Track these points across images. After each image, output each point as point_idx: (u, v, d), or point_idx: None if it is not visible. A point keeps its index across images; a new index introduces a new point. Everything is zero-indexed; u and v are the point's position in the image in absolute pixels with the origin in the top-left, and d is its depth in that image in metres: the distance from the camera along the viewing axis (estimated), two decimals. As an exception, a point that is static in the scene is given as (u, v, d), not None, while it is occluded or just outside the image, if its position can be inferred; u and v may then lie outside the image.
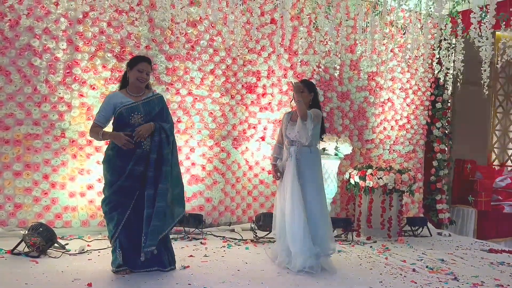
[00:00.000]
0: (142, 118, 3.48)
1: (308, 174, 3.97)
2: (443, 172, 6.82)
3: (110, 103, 3.50)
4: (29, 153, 4.62)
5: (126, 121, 3.45)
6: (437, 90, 6.84)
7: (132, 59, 3.60)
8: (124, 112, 3.46)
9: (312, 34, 5.83)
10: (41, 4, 4.61)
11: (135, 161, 3.44)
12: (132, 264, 3.47)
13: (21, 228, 4.49)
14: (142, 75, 3.50)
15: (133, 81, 3.52)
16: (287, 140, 4.07)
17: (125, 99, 3.50)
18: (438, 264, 4.36)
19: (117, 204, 3.45)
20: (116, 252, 3.47)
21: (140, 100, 3.53)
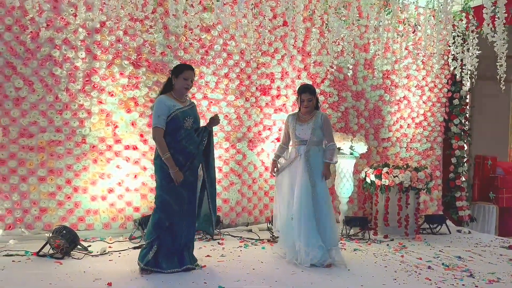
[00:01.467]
0: (193, 122, 3.70)
1: (318, 172, 4.15)
2: (462, 169, 6.76)
3: (165, 105, 3.61)
4: (52, 159, 4.81)
5: (180, 124, 3.62)
6: (454, 86, 6.78)
7: (178, 68, 3.78)
8: (180, 116, 3.62)
9: (324, 35, 5.88)
10: (60, 16, 4.79)
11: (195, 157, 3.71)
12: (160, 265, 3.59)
13: (46, 231, 4.67)
14: (188, 82, 3.70)
15: (179, 88, 3.70)
16: (295, 140, 4.26)
17: (175, 103, 3.67)
18: (455, 261, 4.36)
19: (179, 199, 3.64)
20: (151, 249, 3.59)
21: (186, 105, 3.73)
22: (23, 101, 4.72)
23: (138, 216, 5.03)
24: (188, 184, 3.69)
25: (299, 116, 4.34)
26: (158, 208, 3.66)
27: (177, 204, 3.63)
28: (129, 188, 5.09)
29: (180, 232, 3.65)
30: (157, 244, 3.60)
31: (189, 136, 3.67)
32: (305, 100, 4.24)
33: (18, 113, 4.70)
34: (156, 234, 3.60)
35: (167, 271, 3.59)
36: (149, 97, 5.17)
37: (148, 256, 3.58)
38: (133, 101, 5.12)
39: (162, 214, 3.62)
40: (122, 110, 5.07)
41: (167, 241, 3.60)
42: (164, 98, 3.68)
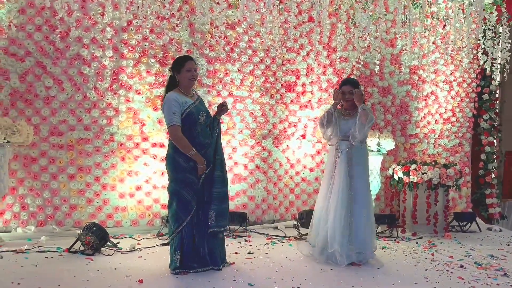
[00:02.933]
0: (205, 116, 3.63)
1: (358, 170, 4.03)
2: (492, 166, 6.59)
3: (178, 102, 3.50)
4: (81, 157, 4.89)
5: (195, 120, 3.55)
6: (483, 81, 6.61)
7: (176, 62, 3.63)
8: (194, 112, 3.54)
9: (350, 30, 5.80)
10: (88, 15, 4.85)
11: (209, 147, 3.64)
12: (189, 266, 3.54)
13: (76, 227, 4.75)
14: (192, 73, 3.57)
15: (186, 82, 3.58)
16: (338, 136, 4.09)
17: (186, 99, 3.56)
18: (487, 260, 4.26)
19: (193, 190, 3.55)
20: (175, 255, 3.54)
21: (195, 100, 3.64)
22: (53, 100, 4.80)
23: (165, 213, 5.04)
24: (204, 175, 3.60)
25: (342, 112, 4.17)
26: (174, 202, 3.56)
27: (193, 197, 3.53)
28: (156, 185, 5.13)
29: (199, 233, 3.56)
30: (179, 245, 3.52)
31: (204, 131, 3.61)
32: (346, 93, 4.06)
33: (48, 112, 4.79)
34: (176, 228, 3.52)
35: (198, 270, 3.55)
36: (175, 95, 5.19)
37: (175, 262, 3.52)
38: (160, 99, 5.14)
39: (178, 208, 3.53)
40: (149, 108, 5.11)
41: (189, 238, 3.52)
42: (174, 94, 3.55)
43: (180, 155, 3.53)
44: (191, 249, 3.55)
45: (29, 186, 4.73)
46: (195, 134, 3.55)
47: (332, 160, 4.13)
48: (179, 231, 3.53)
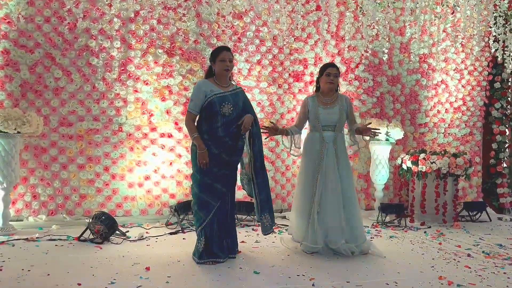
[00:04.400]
0: (232, 108, 3.54)
1: (343, 159, 3.94)
2: (504, 155, 6.53)
3: (201, 90, 3.51)
4: (90, 147, 4.95)
5: (216, 109, 3.49)
6: (495, 69, 6.53)
7: (213, 52, 3.62)
8: (216, 101, 3.49)
9: (358, 19, 5.75)
10: (96, 6, 4.88)
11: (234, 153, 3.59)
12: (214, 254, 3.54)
13: (86, 217, 4.83)
14: (226, 63, 3.55)
15: (220, 72, 3.57)
16: (318, 125, 3.93)
17: (215, 88, 3.54)
18: (496, 249, 4.23)
19: (213, 192, 3.53)
20: (199, 242, 3.56)
21: (228, 90, 3.59)
22: (62, 91, 4.86)
23: (174, 202, 5.12)
24: (226, 180, 3.57)
25: (320, 99, 3.98)
26: (195, 204, 3.60)
27: (214, 199, 3.52)
28: (165, 175, 5.18)
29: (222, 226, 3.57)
30: (204, 234, 3.53)
31: (227, 125, 3.51)
32: (331, 74, 3.91)
33: (58, 103, 4.84)
34: (199, 226, 3.55)
35: (224, 259, 3.55)
36: (183, 85, 5.22)
37: (199, 249, 3.55)
38: (168, 89, 5.18)
39: (199, 210, 3.55)
40: (157, 98, 5.14)
41: (212, 233, 3.53)
42: (201, 82, 3.61)
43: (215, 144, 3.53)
44: (216, 239, 3.56)
45: (40, 176, 4.81)
46: (215, 125, 3.51)
47: (316, 150, 3.92)
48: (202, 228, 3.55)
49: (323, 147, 3.91)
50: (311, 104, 3.99)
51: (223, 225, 3.59)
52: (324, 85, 3.96)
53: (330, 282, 3.19)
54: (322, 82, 3.98)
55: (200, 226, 3.55)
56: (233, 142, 3.56)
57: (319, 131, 3.94)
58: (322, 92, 4.01)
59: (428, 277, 3.33)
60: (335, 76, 3.93)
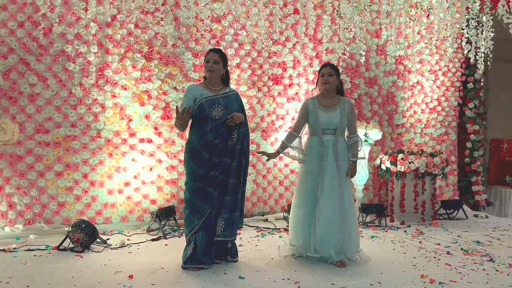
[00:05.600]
0: (222, 111, 3.51)
1: (343, 165, 3.78)
2: (478, 153, 6.70)
3: (190, 94, 3.52)
4: (68, 154, 4.85)
5: (206, 113, 3.48)
6: (467, 70, 6.69)
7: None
8: (205, 104, 3.48)
9: (336, 22, 5.82)
10: (71, 11, 4.79)
11: (224, 153, 3.53)
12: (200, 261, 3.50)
13: (65, 225, 4.73)
14: (209, 64, 3.55)
15: (206, 74, 3.60)
16: (318, 129, 3.76)
17: (205, 91, 3.54)
18: (474, 246, 4.34)
19: (205, 196, 3.50)
20: (189, 246, 3.53)
21: (219, 93, 3.57)
22: (38, 97, 4.75)
23: (154, 208, 5.06)
24: (217, 183, 3.53)
25: (321, 101, 3.81)
26: (185, 207, 3.59)
27: (205, 204, 3.51)
28: (145, 181, 5.12)
29: (212, 232, 3.53)
30: (194, 240, 3.51)
31: (217, 128, 3.49)
32: (325, 74, 3.74)
33: (34, 109, 4.74)
34: (190, 232, 3.53)
35: (208, 266, 3.51)
36: (162, 89, 5.18)
37: (186, 253, 3.52)
38: (146, 94, 5.13)
39: (191, 215, 3.53)
40: (135, 103, 5.09)
41: (203, 238, 3.50)
42: (191, 86, 3.63)
43: (194, 160, 3.52)
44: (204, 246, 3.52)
45: (16, 185, 4.68)
46: (205, 129, 3.48)
47: (315, 155, 3.77)
48: (193, 233, 3.51)
49: (322, 152, 3.73)
50: (311, 106, 3.81)
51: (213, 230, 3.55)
52: (321, 86, 3.82)
53: (315, 285, 3.21)
54: (319, 84, 3.85)
55: (192, 231, 3.52)
56: (223, 143, 3.53)
57: (318, 134, 3.77)
58: (322, 94, 3.84)
59: (411, 276, 3.40)
60: (329, 75, 3.75)
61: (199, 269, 3.48)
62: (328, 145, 3.74)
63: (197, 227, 3.50)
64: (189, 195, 3.55)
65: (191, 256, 3.51)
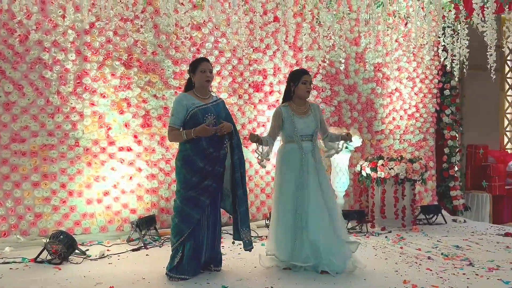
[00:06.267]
0: (215, 119, 3.52)
1: (322, 170, 3.82)
2: (455, 159, 6.82)
3: (181, 104, 3.50)
4: (45, 164, 4.74)
5: (200, 122, 3.46)
6: (444, 77, 6.83)
7: (192, 64, 3.62)
8: (198, 113, 3.48)
9: (315, 30, 5.87)
10: (48, 18, 4.71)
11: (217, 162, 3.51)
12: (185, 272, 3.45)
13: (42, 236, 4.61)
14: (207, 74, 3.54)
15: (200, 83, 3.55)
16: (295, 136, 3.74)
17: (196, 100, 3.52)
18: (453, 251, 4.39)
19: (197, 204, 3.47)
20: (176, 256, 3.47)
21: (209, 102, 3.58)
22: (14, 106, 4.63)
23: (135, 218, 4.98)
24: (210, 192, 3.50)
25: (294, 108, 3.80)
26: (175, 215, 3.54)
27: (196, 212, 3.47)
28: (124, 190, 5.05)
29: (202, 239, 3.50)
30: (182, 249, 3.46)
31: (210, 136, 3.47)
32: (308, 82, 3.77)
33: (9, 118, 4.62)
34: (177, 241, 3.48)
35: (192, 277, 3.46)
36: (141, 97, 5.13)
37: (174, 262, 3.47)
38: (126, 102, 5.07)
39: (180, 222, 3.48)
40: (114, 111, 5.02)
41: (191, 247, 3.46)
42: (181, 96, 3.60)
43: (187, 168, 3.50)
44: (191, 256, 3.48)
45: (-9, 196, 4.56)
46: (199, 138, 3.45)
47: (295, 161, 3.73)
48: (181, 242, 3.47)
49: (303, 159, 3.72)
50: (285, 114, 3.77)
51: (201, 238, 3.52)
52: (302, 94, 3.79)
53: (299, 292, 3.20)
54: (299, 90, 3.78)
55: (180, 239, 3.47)
56: (216, 152, 3.51)
57: (297, 141, 3.75)
58: (295, 101, 3.84)
59: (394, 282, 3.41)
60: (310, 84, 3.82)
61: (182, 280, 3.43)
62: (307, 152, 3.75)
63: (186, 235, 3.46)
64: (180, 204, 3.51)
65: (178, 265, 3.46)
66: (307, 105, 3.87)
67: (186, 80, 3.73)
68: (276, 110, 3.89)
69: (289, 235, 3.68)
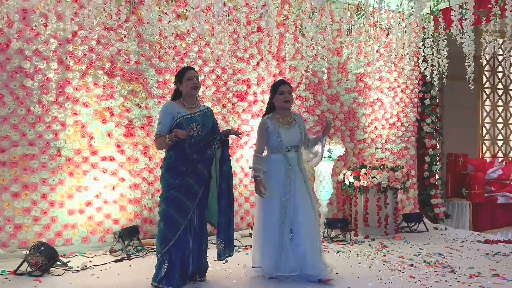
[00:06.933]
0: (200, 129, 3.54)
1: (307, 179, 3.84)
2: (436, 167, 6.93)
3: (167, 112, 3.51)
4: (26, 174, 4.66)
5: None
6: (424, 87, 6.96)
7: (178, 73, 3.65)
8: (183, 122, 3.49)
9: (298, 40, 5.94)
10: (30, 26, 4.66)
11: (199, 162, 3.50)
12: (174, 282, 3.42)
13: (22, 248, 4.52)
14: (194, 81, 3.56)
15: (188, 91, 3.56)
16: (281, 146, 3.72)
17: (182, 109, 3.54)
18: (436, 258, 4.45)
19: (181, 207, 3.46)
20: (163, 265, 3.44)
21: (195, 111, 3.58)
22: (-6, 115, 4.56)
23: (117, 228, 4.93)
24: (192, 194, 3.49)
25: (278, 119, 3.79)
26: (160, 220, 3.52)
27: (180, 216, 3.46)
28: (107, 200, 4.99)
29: (188, 249, 3.48)
30: (167, 259, 3.43)
31: (195, 144, 3.50)
32: (285, 92, 3.72)
33: (-11, 128, 4.54)
34: (163, 249, 3.44)
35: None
36: (124, 106, 5.10)
37: (161, 273, 3.43)
38: (109, 111, 5.03)
39: (165, 228, 3.46)
40: (97, 120, 4.97)
41: (177, 256, 3.44)
42: (167, 104, 3.60)
43: (170, 173, 3.50)
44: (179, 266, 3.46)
45: (-31, 207, 4.46)
46: (185, 146, 3.49)
47: (282, 172, 3.70)
48: (167, 251, 3.45)
49: (289, 169, 3.71)
50: (271, 125, 3.74)
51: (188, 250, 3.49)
52: (280, 104, 3.76)
53: (284, 301, 3.20)
54: (277, 101, 3.77)
55: (166, 247, 3.44)
56: (200, 156, 3.53)
57: (282, 152, 3.72)
58: (278, 112, 3.82)
59: (377, 289, 3.44)
60: (289, 93, 3.76)
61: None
62: (293, 162, 3.75)
63: (171, 243, 3.44)
64: (164, 206, 3.50)
65: (165, 276, 3.42)
66: (291, 115, 3.86)
67: (174, 90, 3.73)
68: (261, 122, 3.83)
69: (275, 246, 3.64)
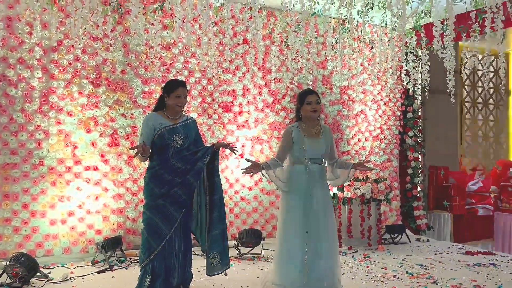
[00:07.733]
0: (183, 139, 3.52)
1: (328, 194, 3.69)
2: (418, 179, 7.03)
3: (149, 124, 3.49)
4: (7, 183, 4.59)
5: (167, 142, 3.47)
6: (407, 100, 7.08)
7: (169, 85, 3.57)
8: (166, 133, 3.47)
9: (284, 52, 6.01)
10: (14, 34, 4.63)
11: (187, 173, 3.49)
12: None
13: (2, 259, 4.42)
14: (181, 100, 3.51)
15: (172, 107, 3.53)
16: (304, 157, 3.54)
17: (164, 120, 3.51)
18: (418, 269, 4.50)
19: (166, 216, 3.43)
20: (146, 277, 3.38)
21: (178, 122, 3.56)
22: (-25, 123, 4.50)
23: (100, 239, 4.87)
24: (179, 204, 3.47)
25: (304, 129, 3.60)
26: (144, 228, 3.47)
27: (166, 226, 3.42)
28: (90, 210, 4.94)
29: (173, 262, 3.45)
30: (151, 270, 3.38)
31: (179, 154, 3.50)
32: (313, 102, 3.53)
33: (-30, 136, 4.48)
34: (147, 257, 3.40)
35: None
36: (109, 116, 5.07)
37: (142, 285, 3.37)
38: (93, 120, 5.00)
39: (150, 237, 3.41)
40: (81, 130, 4.94)
41: (160, 268, 3.40)
42: (149, 116, 3.57)
43: (155, 182, 3.47)
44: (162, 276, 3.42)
45: None
46: (167, 156, 3.48)
47: (303, 185, 3.55)
48: (150, 260, 3.40)
49: (311, 182, 3.54)
50: (296, 135, 3.56)
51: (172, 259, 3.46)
52: (307, 114, 3.57)
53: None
54: (304, 111, 3.58)
55: (149, 257, 3.39)
56: (186, 166, 3.51)
57: (305, 163, 3.55)
58: (305, 121, 3.63)
59: (361, 300, 3.46)
60: (317, 103, 3.57)
61: None
62: (315, 175, 3.57)
63: (155, 253, 3.39)
64: (149, 213, 3.45)
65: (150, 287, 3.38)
66: (318, 126, 3.66)
67: (158, 98, 3.67)
68: (286, 130, 3.67)
69: (297, 260, 3.49)
